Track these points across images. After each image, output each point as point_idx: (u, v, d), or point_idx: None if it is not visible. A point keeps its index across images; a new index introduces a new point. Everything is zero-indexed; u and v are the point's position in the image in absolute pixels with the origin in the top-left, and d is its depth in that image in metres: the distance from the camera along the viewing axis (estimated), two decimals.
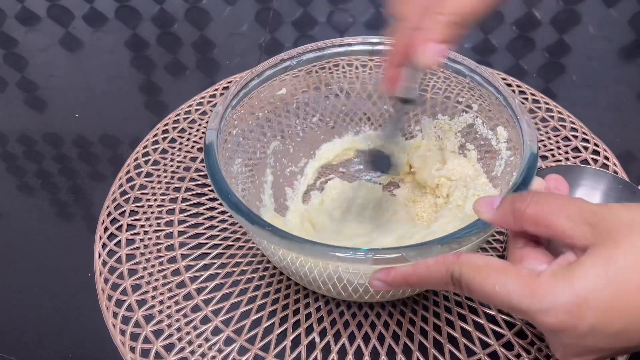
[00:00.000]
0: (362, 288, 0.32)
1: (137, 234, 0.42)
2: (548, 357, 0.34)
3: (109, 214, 0.43)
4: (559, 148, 0.47)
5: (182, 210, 0.43)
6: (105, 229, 0.42)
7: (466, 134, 0.42)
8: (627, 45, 0.58)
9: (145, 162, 0.47)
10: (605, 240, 0.22)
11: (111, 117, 0.52)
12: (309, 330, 0.36)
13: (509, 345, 0.35)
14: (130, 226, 0.42)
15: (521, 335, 0.35)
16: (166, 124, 0.50)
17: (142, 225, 0.42)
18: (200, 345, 0.35)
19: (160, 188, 0.45)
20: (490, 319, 0.36)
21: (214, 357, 0.35)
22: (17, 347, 0.36)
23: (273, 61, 0.39)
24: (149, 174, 0.46)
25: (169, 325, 0.36)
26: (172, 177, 0.45)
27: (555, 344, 0.24)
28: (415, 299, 0.37)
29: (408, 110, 0.32)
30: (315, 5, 0.65)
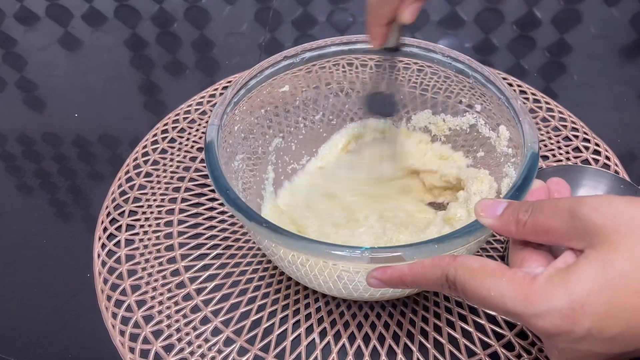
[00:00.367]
0: (362, 286, 0.32)
1: (137, 234, 0.41)
2: (549, 358, 0.34)
3: (108, 214, 0.43)
4: (559, 148, 0.46)
5: (182, 210, 0.43)
6: (105, 229, 0.42)
7: (467, 134, 0.42)
8: (628, 45, 0.58)
9: (145, 162, 0.47)
10: (603, 243, 0.22)
11: (110, 117, 0.52)
12: (309, 330, 0.36)
13: (509, 346, 0.35)
14: (130, 226, 0.42)
15: (522, 335, 0.35)
16: (166, 124, 0.50)
17: (142, 226, 0.42)
18: (200, 346, 0.35)
19: (159, 188, 0.45)
20: (491, 319, 0.36)
21: (213, 358, 0.35)
22: (16, 348, 0.36)
23: (274, 59, 0.39)
24: (148, 174, 0.46)
25: (169, 326, 0.36)
26: (172, 177, 0.45)
27: (551, 348, 0.24)
28: (416, 299, 0.37)
29: (395, 57, 0.38)
30: (315, 5, 0.64)
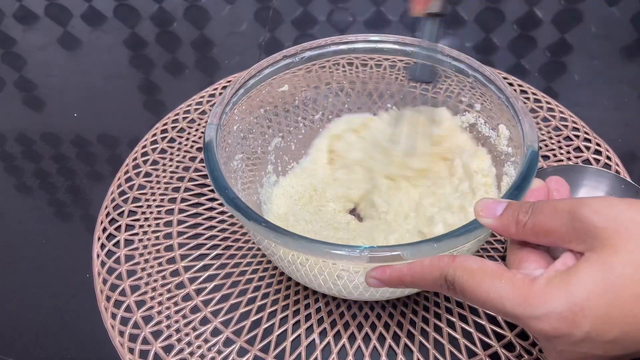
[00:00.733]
0: (362, 286, 0.32)
1: (136, 234, 0.41)
2: None
3: (108, 214, 0.43)
4: (560, 148, 0.46)
5: (181, 210, 0.43)
6: (104, 230, 0.42)
7: (467, 133, 0.42)
8: (629, 44, 0.58)
9: (144, 162, 0.47)
10: (603, 246, 0.21)
11: (110, 117, 0.52)
12: (309, 331, 0.36)
13: (510, 346, 0.35)
14: (129, 226, 0.42)
15: (523, 336, 0.35)
16: (165, 124, 0.50)
17: (141, 226, 0.42)
18: (199, 347, 0.35)
19: (159, 188, 0.44)
20: (492, 319, 0.36)
21: (213, 358, 0.34)
22: (15, 348, 0.36)
23: (274, 58, 0.39)
24: (147, 174, 0.46)
25: (168, 326, 0.36)
26: (171, 177, 0.45)
27: (549, 350, 0.24)
28: (416, 299, 0.37)
29: (437, 25, 0.36)
30: (315, 4, 0.64)
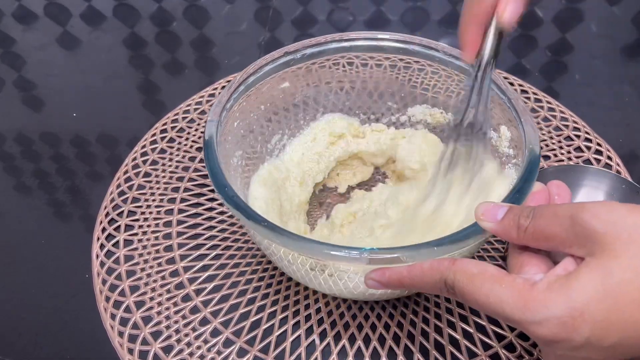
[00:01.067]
0: (362, 286, 0.32)
1: (136, 234, 0.41)
2: None
3: (107, 214, 0.43)
4: (561, 148, 0.46)
5: (181, 210, 0.43)
6: (103, 230, 0.42)
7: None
8: (630, 44, 0.58)
9: (144, 162, 0.46)
10: (604, 250, 0.21)
11: (109, 117, 0.52)
12: (309, 331, 0.36)
13: (511, 347, 0.35)
14: (129, 227, 0.42)
15: (523, 337, 0.35)
16: (165, 124, 0.49)
17: (141, 226, 0.42)
18: (199, 347, 0.35)
19: (158, 188, 0.44)
20: (492, 320, 0.36)
21: (213, 359, 0.34)
22: (14, 349, 0.36)
23: (274, 55, 0.39)
24: (147, 174, 0.45)
25: (168, 327, 0.36)
26: (171, 177, 0.45)
27: (549, 354, 0.24)
28: (417, 299, 0.37)
29: (488, 75, 0.32)
30: (315, 4, 0.64)
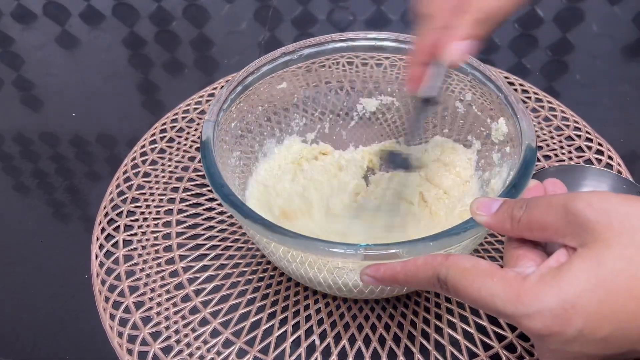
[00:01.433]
0: (361, 284, 0.32)
1: (135, 234, 0.41)
2: None
3: (106, 214, 0.42)
4: (562, 147, 0.46)
5: (180, 210, 0.42)
6: (103, 230, 0.41)
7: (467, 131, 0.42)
8: (631, 44, 0.58)
9: (143, 162, 0.46)
10: (596, 240, 0.21)
11: (108, 117, 0.52)
12: (309, 332, 0.35)
13: (511, 347, 0.34)
14: (128, 227, 0.42)
15: (524, 337, 0.35)
16: (164, 124, 0.49)
17: (140, 226, 0.41)
18: (198, 348, 0.35)
19: (158, 188, 0.44)
20: (492, 320, 0.36)
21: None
22: (13, 350, 0.36)
23: (272, 55, 0.39)
24: (146, 174, 0.45)
25: (167, 327, 0.36)
26: (170, 178, 0.45)
27: (542, 349, 0.24)
28: (417, 299, 0.37)
29: (429, 110, 0.33)
30: (315, 3, 0.64)
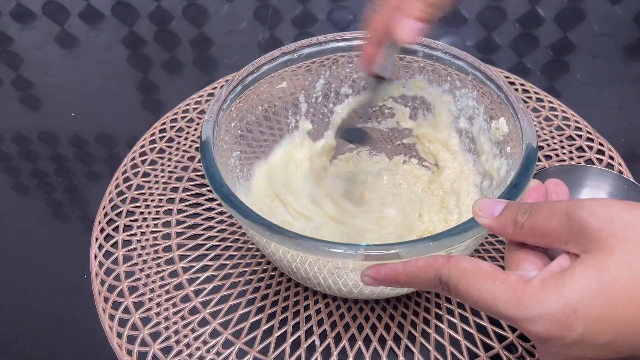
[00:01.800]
0: (361, 284, 0.31)
1: (134, 234, 0.41)
2: None
3: (106, 214, 0.42)
4: (563, 147, 0.46)
5: (180, 210, 0.42)
6: (102, 230, 0.41)
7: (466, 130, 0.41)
8: (633, 43, 0.58)
9: (143, 162, 0.46)
10: (599, 247, 0.21)
11: (108, 116, 0.52)
12: (309, 332, 0.35)
13: (512, 348, 0.34)
14: (127, 227, 0.41)
15: (524, 337, 0.35)
16: (163, 123, 0.49)
17: (139, 226, 0.41)
18: (198, 348, 0.35)
19: (157, 188, 0.44)
20: (493, 321, 0.36)
21: None
22: (12, 350, 0.36)
23: (272, 55, 0.38)
24: (146, 174, 0.45)
25: (167, 328, 0.36)
26: (170, 177, 0.45)
27: (544, 352, 0.24)
28: (417, 300, 0.37)
29: (382, 88, 0.35)
30: (315, 3, 0.64)
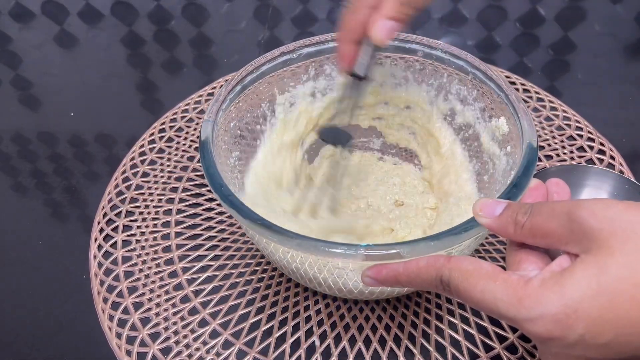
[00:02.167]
0: (361, 284, 0.31)
1: (134, 235, 0.41)
2: None
3: (105, 214, 0.42)
4: (563, 147, 0.46)
5: (180, 210, 0.42)
6: (101, 230, 0.41)
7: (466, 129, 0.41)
8: (633, 43, 0.58)
9: (142, 162, 0.46)
10: (600, 247, 0.21)
11: (107, 116, 0.52)
12: (309, 333, 0.35)
13: (512, 349, 0.34)
14: (127, 227, 0.41)
15: (525, 338, 0.35)
16: (163, 123, 0.49)
17: (139, 226, 0.41)
18: (198, 349, 0.35)
19: (157, 188, 0.44)
20: (494, 321, 0.35)
21: None
22: (12, 351, 0.36)
23: (271, 54, 0.38)
24: (145, 174, 0.45)
25: (166, 329, 0.36)
26: (169, 177, 0.45)
27: (544, 352, 0.24)
28: (417, 300, 0.36)
29: (362, 87, 0.35)
30: (315, 2, 0.64)
